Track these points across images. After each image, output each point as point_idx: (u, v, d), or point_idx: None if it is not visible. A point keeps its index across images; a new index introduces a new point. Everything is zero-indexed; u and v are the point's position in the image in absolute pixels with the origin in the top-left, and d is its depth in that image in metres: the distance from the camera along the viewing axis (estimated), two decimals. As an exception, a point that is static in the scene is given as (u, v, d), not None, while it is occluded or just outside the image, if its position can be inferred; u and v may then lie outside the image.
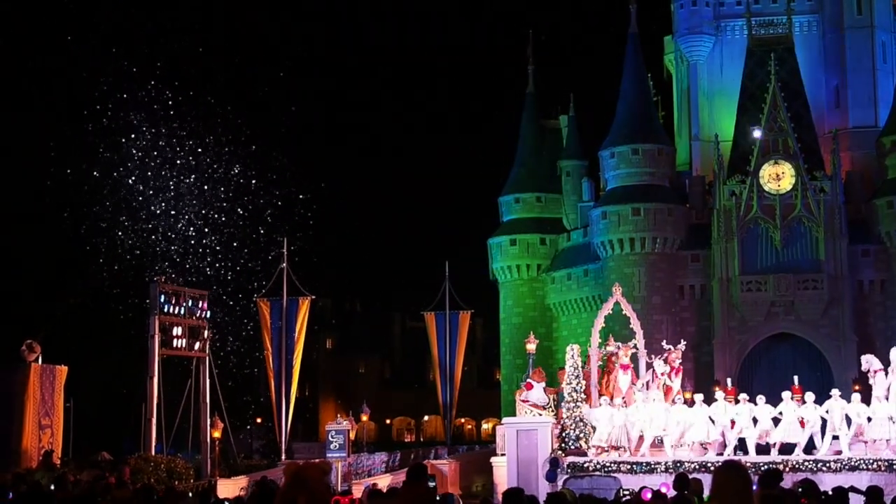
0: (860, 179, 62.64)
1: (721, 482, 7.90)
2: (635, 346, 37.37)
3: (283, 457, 44.24)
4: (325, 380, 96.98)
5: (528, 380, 36.67)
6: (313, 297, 45.44)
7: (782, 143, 59.83)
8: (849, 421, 33.66)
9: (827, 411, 33.77)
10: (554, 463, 33.69)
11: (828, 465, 32.52)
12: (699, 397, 35.23)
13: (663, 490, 17.87)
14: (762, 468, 26.13)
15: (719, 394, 35.27)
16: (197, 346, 39.56)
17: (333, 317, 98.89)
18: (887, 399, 33.70)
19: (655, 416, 34.45)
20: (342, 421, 41.18)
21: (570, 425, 35.22)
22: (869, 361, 35.08)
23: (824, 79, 66.78)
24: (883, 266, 60.34)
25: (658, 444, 34.98)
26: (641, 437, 34.87)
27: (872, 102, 65.83)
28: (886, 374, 34.32)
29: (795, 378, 35.92)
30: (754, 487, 16.43)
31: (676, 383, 36.38)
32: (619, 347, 36.96)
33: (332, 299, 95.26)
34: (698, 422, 34.23)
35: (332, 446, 39.39)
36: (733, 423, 34.28)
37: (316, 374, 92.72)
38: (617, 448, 34.70)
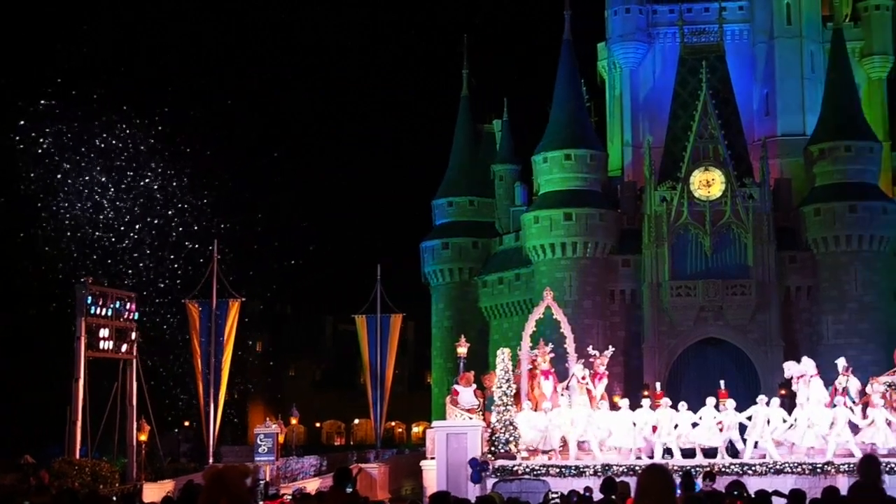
0: (788, 187, 63.42)
1: (646, 485, 7.91)
2: (554, 350, 37.44)
3: (211, 460, 43.83)
4: (255, 383, 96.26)
5: (455, 386, 36.63)
6: (243, 299, 45.09)
7: (713, 150, 60.39)
8: (772, 425, 33.94)
9: (750, 417, 34.04)
10: (477, 465, 33.66)
11: (753, 468, 32.77)
12: (625, 403, 35.37)
13: (588, 494, 17.91)
14: (692, 470, 26.29)
15: (645, 401, 35.42)
16: (124, 347, 39.08)
17: (264, 319, 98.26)
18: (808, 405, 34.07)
19: (577, 421, 34.54)
20: (271, 424, 40.94)
21: (500, 429, 35.20)
22: (790, 368, 35.47)
23: (754, 87, 67.53)
24: (809, 273, 61.07)
25: (588, 448, 35.08)
26: (566, 442, 34.96)
27: (801, 111, 66.63)
28: (809, 380, 34.69)
29: (722, 382, 36.18)
30: (678, 490, 16.49)
31: (599, 389, 36.45)
32: (538, 352, 36.97)
33: (262, 301, 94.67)
34: (622, 426, 34.37)
35: (260, 450, 39.16)
36: (655, 428, 34.45)
37: (245, 376, 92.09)
38: (544, 452, 34.78)
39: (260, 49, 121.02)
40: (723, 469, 32.23)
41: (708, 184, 59.95)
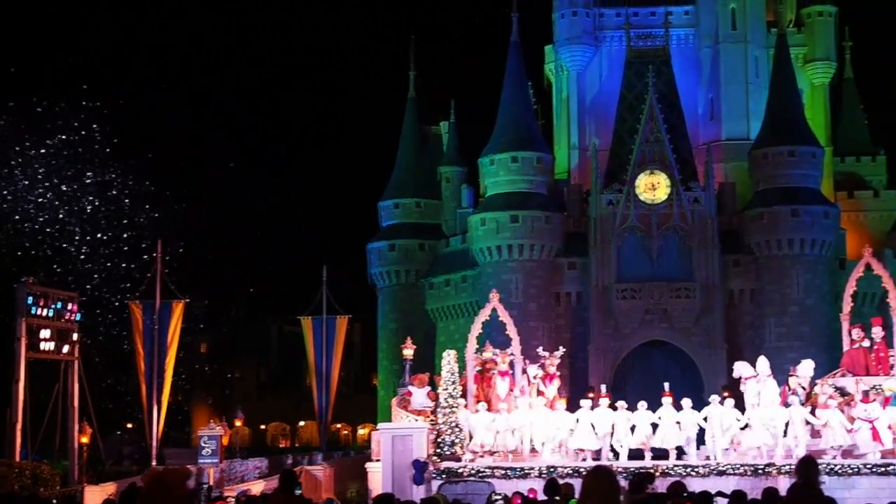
0: (732, 191, 63.88)
1: (589, 486, 7.90)
2: (512, 353, 37.50)
3: (154, 463, 43.48)
4: (200, 384, 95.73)
5: (409, 387, 36.55)
6: (187, 300, 44.75)
7: (658, 154, 60.73)
8: (726, 425, 34.14)
9: (705, 418, 34.24)
10: (420, 467, 33.63)
11: (697, 469, 32.95)
12: (587, 403, 35.45)
13: (531, 495, 17.92)
14: (633, 473, 26.39)
15: (586, 402, 35.49)
16: (66, 349, 38.60)
17: (209, 320, 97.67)
18: (759, 405, 34.28)
19: (537, 422, 34.61)
20: (215, 426, 40.65)
21: (446, 431, 35.18)
22: (739, 369, 35.65)
23: (699, 91, 67.93)
24: (753, 276, 61.59)
25: (538, 449, 35.14)
26: (523, 443, 35.05)
27: (745, 116, 67.10)
28: (757, 381, 34.91)
29: (666, 385, 36.32)
30: (622, 492, 16.53)
31: (551, 390, 36.53)
32: (495, 354, 37.05)
33: (207, 302, 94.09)
34: (579, 428, 34.46)
35: (204, 452, 38.87)
36: (613, 428, 34.60)
37: (190, 378, 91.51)
38: (493, 454, 34.80)
39: (214, 47, 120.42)
40: (666, 471, 32.41)
41: (653, 187, 60.29)
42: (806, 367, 35.47)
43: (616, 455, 34.34)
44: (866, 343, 36.47)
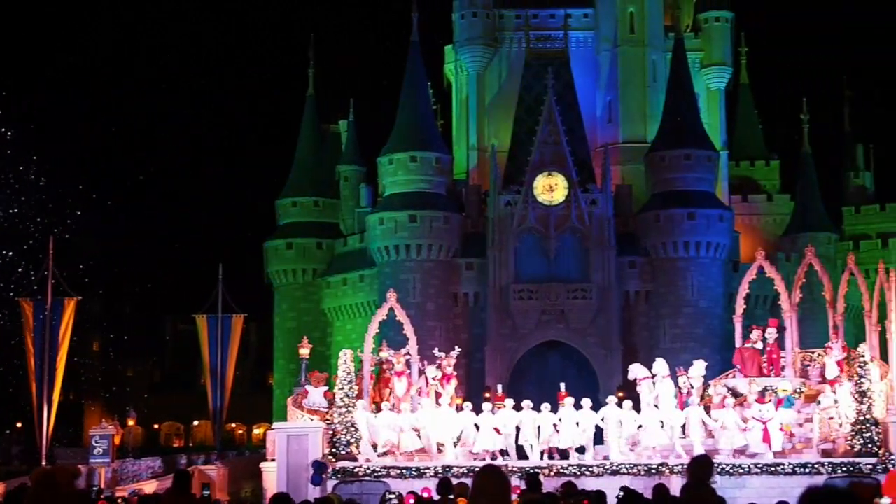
0: (629, 193, 64.46)
1: (480, 486, 7.85)
2: (409, 353, 37.45)
3: (44, 462, 42.71)
4: (92, 383, 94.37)
5: (306, 385, 36.33)
6: (80, 297, 44.01)
7: (556, 156, 61.04)
8: (625, 426, 34.43)
9: (603, 418, 34.48)
10: (318, 467, 33.44)
11: (591, 469, 33.18)
12: (487, 406, 35.49)
13: (425, 495, 17.88)
14: (528, 472, 26.47)
15: (487, 405, 35.58)
16: (-47, 346, 37.83)
17: (102, 318, 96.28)
18: (657, 406, 34.62)
19: (440, 423, 34.60)
20: (107, 426, 40.08)
21: (342, 430, 35.02)
22: (635, 371, 35.97)
23: (598, 94, 68.44)
24: (648, 278, 62.22)
25: (440, 449, 35.12)
26: (425, 443, 35.03)
27: (643, 119, 67.76)
28: (653, 382, 35.26)
29: (562, 385, 36.52)
30: (516, 492, 16.54)
31: (448, 390, 36.54)
32: (391, 354, 36.95)
33: (101, 300, 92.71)
34: (483, 430, 34.51)
35: (95, 452, 38.31)
36: (518, 429, 34.72)
37: (82, 377, 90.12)
38: (397, 453, 34.74)
39: (107, 43, 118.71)
40: (561, 470, 32.59)
41: (551, 189, 60.60)
42: (697, 368, 35.90)
43: (523, 455, 34.48)
44: (759, 345, 37.04)
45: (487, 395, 39.26)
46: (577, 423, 34.36)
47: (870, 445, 33.63)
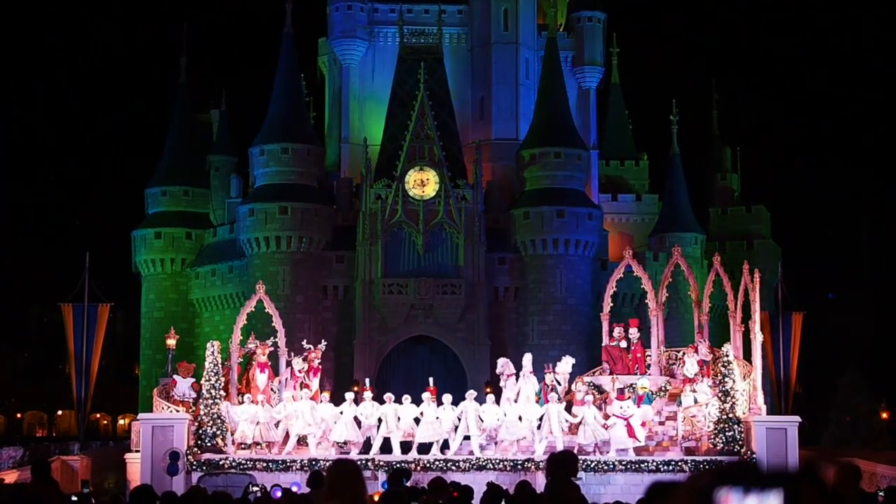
0: (500, 190, 65.01)
1: (331, 479, 7.93)
2: (274, 345, 37.42)
3: None
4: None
5: (174, 376, 36.10)
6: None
7: (428, 151, 61.31)
8: (482, 422, 34.84)
9: (462, 413, 34.84)
10: (173, 456, 33.26)
11: (457, 464, 33.53)
12: (350, 396, 35.61)
13: (294, 489, 17.96)
14: (391, 467, 26.68)
15: (349, 395, 35.73)
16: None
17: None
18: (517, 401, 35.11)
19: (300, 415, 34.63)
20: (-34, 415, 39.27)
21: (208, 422, 34.87)
22: (504, 365, 36.42)
23: (471, 91, 68.82)
24: (517, 274, 62.80)
25: (304, 442, 35.17)
26: (287, 435, 35.04)
27: (514, 116, 68.32)
28: (517, 378, 35.76)
29: (431, 380, 36.81)
30: (383, 486, 16.72)
31: (315, 382, 36.65)
32: (257, 346, 36.91)
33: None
34: (342, 421, 34.63)
35: (-47, 441, 37.48)
36: (380, 422, 34.91)
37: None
38: (259, 445, 34.72)
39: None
40: (427, 465, 32.88)
41: (423, 183, 60.85)
42: (565, 364, 36.51)
43: (386, 448, 34.68)
44: (623, 343, 37.79)
45: (356, 388, 39.34)
46: (437, 418, 34.68)
47: (732, 444, 34.56)
